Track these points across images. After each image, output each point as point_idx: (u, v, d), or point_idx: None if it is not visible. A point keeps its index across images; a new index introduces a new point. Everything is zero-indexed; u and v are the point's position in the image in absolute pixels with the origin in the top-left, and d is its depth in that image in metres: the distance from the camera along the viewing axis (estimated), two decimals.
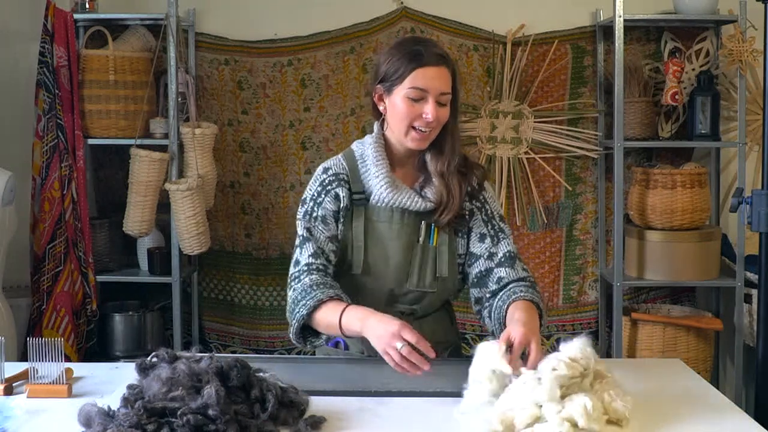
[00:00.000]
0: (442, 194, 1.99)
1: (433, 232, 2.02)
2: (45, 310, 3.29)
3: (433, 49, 1.95)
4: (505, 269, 2.02)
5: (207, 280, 3.74)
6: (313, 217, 2.00)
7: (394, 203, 1.98)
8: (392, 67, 1.95)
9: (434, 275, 2.02)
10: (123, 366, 2.00)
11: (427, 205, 1.99)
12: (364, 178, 2.01)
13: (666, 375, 1.99)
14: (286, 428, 1.58)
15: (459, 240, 2.05)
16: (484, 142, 3.64)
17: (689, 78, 3.54)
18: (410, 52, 1.94)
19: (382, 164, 1.99)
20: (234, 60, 3.65)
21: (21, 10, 3.61)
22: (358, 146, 2.07)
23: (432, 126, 1.94)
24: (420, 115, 1.93)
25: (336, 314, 1.84)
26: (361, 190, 2.01)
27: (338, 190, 2.00)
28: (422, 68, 1.92)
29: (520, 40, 3.62)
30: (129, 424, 1.44)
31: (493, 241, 2.04)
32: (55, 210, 3.31)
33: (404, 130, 1.95)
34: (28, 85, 3.41)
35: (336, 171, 2.03)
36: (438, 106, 1.93)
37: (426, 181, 2.02)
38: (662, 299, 3.73)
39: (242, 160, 3.68)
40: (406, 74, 1.92)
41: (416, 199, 1.99)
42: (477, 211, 2.06)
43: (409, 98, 1.93)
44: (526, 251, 3.68)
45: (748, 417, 1.70)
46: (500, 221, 2.07)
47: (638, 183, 3.45)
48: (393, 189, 1.98)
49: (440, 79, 1.93)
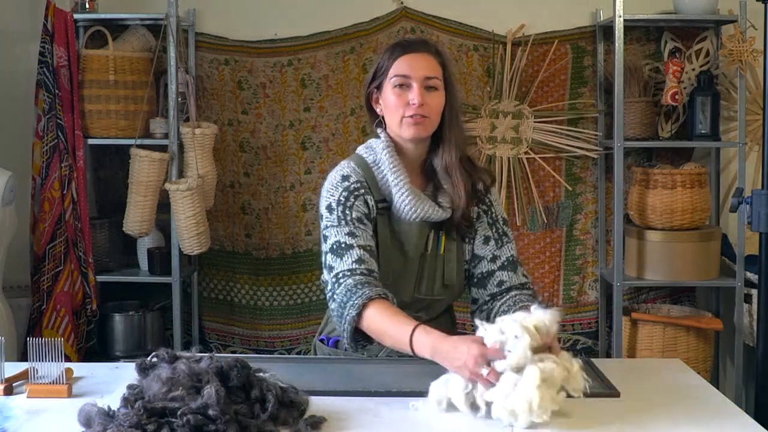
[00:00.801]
0: (452, 199, 1.98)
1: (441, 239, 2.01)
2: (45, 310, 3.29)
3: (418, 41, 1.99)
4: (507, 273, 2.02)
5: (207, 280, 3.74)
6: (349, 220, 1.91)
7: (418, 214, 1.95)
8: (379, 64, 1.98)
9: (442, 283, 2.02)
10: (123, 366, 2.00)
11: (446, 214, 1.98)
12: (382, 186, 1.98)
13: (666, 375, 1.99)
14: (286, 428, 1.57)
15: (466, 246, 2.05)
16: (484, 142, 3.64)
17: (689, 78, 3.54)
18: (393, 46, 1.98)
19: (400, 171, 1.95)
20: (234, 60, 3.65)
21: (21, 10, 3.61)
22: (368, 153, 2.02)
23: (423, 112, 1.92)
24: (408, 102, 1.92)
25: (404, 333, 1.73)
26: (381, 198, 1.98)
27: (367, 198, 1.96)
28: (403, 56, 1.94)
29: (520, 40, 3.62)
30: (129, 424, 1.44)
31: (497, 244, 2.04)
32: (55, 210, 3.31)
33: (398, 120, 1.94)
34: (28, 85, 3.41)
35: (357, 179, 1.97)
36: (426, 91, 1.93)
37: (436, 189, 2.01)
38: (662, 299, 3.73)
39: (242, 160, 3.68)
40: (389, 65, 1.95)
41: (437, 210, 1.96)
42: (483, 214, 2.06)
43: (395, 87, 1.94)
44: (526, 251, 3.68)
45: (748, 417, 1.70)
46: (504, 225, 2.07)
47: (638, 183, 3.45)
48: (415, 198, 1.94)
49: (422, 64, 1.93)
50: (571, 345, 3.72)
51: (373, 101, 2.02)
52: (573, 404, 1.73)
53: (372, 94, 2.01)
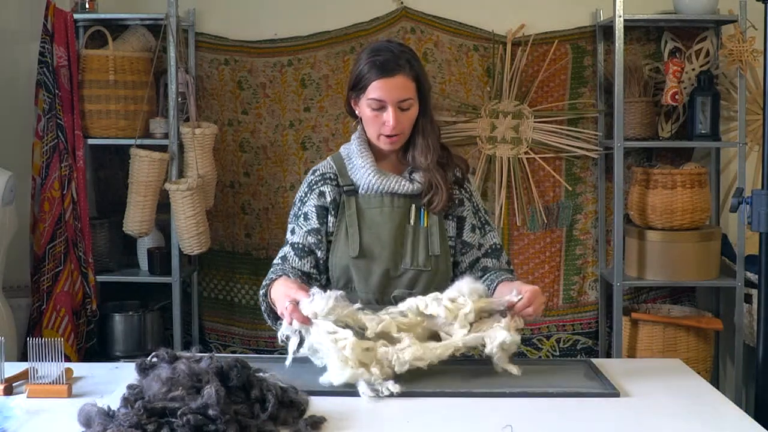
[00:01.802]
0: (429, 180, 2.11)
1: (423, 214, 2.13)
2: (45, 310, 3.29)
3: (393, 59, 2.06)
4: (491, 260, 2.18)
5: (207, 280, 3.74)
6: (297, 215, 2.16)
7: (382, 188, 2.10)
8: (357, 77, 2.09)
9: (427, 254, 2.11)
10: (123, 366, 2.01)
11: (415, 188, 2.11)
12: (351, 173, 2.15)
13: (666, 375, 1.99)
14: (286, 428, 1.58)
15: (449, 222, 2.16)
16: (484, 142, 3.64)
17: (689, 78, 3.54)
18: (369, 62, 2.06)
19: (366, 155, 2.13)
20: (234, 60, 3.65)
21: (21, 10, 3.62)
22: (344, 147, 2.21)
23: (397, 131, 2.07)
24: (383, 123, 2.07)
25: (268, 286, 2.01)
26: (349, 183, 2.14)
27: (323, 188, 2.14)
28: (378, 80, 2.05)
29: (520, 40, 3.62)
30: (129, 424, 1.44)
31: (481, 232, 2.19)
32: (55, 210, 3.31)
33: (374, 135, 2.11)
34: (28, 85, 3.41)
35: (323, 171, 2.18)
36: (400, 111, 2.06)
37: (414, 169, 2.14)
38: (662, 299, 3.73)
39: (242, 160, 3.68)
40: (367, 86, 2.06)
41: (403, 183, 2.11)
42: (467, 201, 2.19)
43: (371, 108, 2.07)
44: (526, 251, 3.68)
45: (748, 417, 1.70)
46: (485, 214, 2.23)
47: (638, 183, 3.45)
48: (379, 175, 2.11)
49: (397, 88, 2.05)
50: (571, 345, 3.72)
51: (353, 104, 2.15)
52: (573, 404, 1.73)
53: (351, 97, 2.14)
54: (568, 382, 1.89)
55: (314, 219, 2.13)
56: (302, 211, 2.15)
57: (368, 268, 2.09)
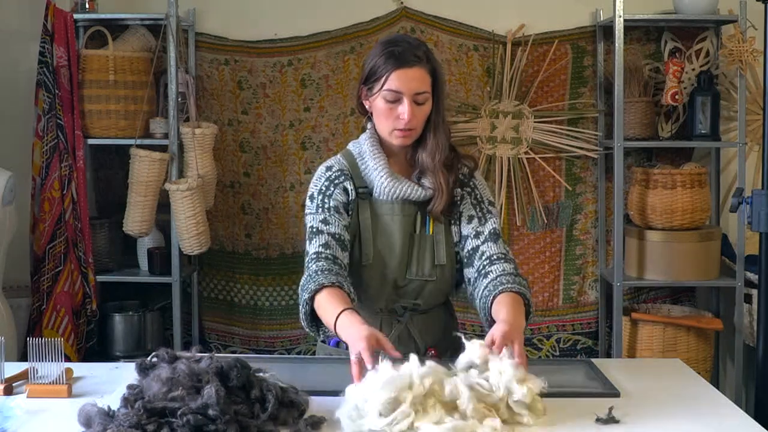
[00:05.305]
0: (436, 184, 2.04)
1: (429, 221, 2.06)
2: (45, 310, 3.29)
3: (410, 50, 1.99)
4: (489, 245, 2.04)
5: (207, 280, 3.74)
6: (326, 208, 2.03)
7: (396, 194, 2.02)
8: (372, 69, 2.01)
9: (433, 263, 2.05)
10: (123, 366, 2.00)
11: (427, 194, 2.04)
12: (364, 174, 2.06)
13: (666, 375, 1.99)
14: (286, 428, 1.57)
15: (453, 228, 2.09)
16: (484, 142, 3.64)
17: (689, 78, 3.54)
18: (386, 53, 1.98)
19: (379, 157, 2.04)
20: (234, 60, 3.65)
21: (21, 10, 3.62)
22: (354, 146, 2.12)
23: (411, 125, 1.99)
24: (398, 116, 1.98)
25: (333, 315, 1.81)
26: (363, 185, 2.06)
27: (346, 184, 2.06)
28: (396, 71, 1.96)
29: (520, 40, 3.62)
30: (129, 424, 1.44)
31: (480, 221, 2.07)
32: (55, 210, 3.31)
33: (387, 130, 2.02)
34: (28, 85, 3.41)
35: (340, 167, 2.08)
36: (415, 105, 1.98)
37: (422, 172, 2.07)
38: (662, 299, 3.73)
39: (242, 160, 3.68)
40: (382, 77, 1.98)
41: (416, 189, 2.03)
42: (467, 195, 2.10)
43: (386, 100, 1.98)
44: (526, 251, 3.68)
45: (748, 417, 1.70)
46: (489, 205, 2.11)
47: (638, 183, 3.45)
48: (393, 180, 2.02)
49: (415, 80, 1.97)
50: (571, 345, 3.72)
51: (363, 98, 2.07)
52: (573, 404, 1.73)
53: (363, 91, 2.06)
54: (568, 382, 1.88)
55: (345, 215, 2.03)
56: (331, 205, 2.03)
57: (378, 277, 2.04)
